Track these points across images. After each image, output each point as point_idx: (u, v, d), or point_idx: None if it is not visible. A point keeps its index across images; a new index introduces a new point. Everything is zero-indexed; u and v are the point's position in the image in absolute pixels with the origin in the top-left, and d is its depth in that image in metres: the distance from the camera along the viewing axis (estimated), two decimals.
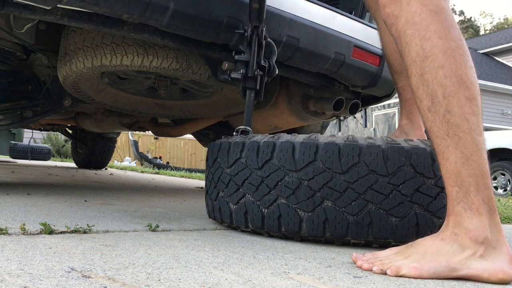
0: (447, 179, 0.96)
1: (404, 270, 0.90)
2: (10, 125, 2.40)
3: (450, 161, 0.95)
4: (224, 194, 1.36)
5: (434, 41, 0.97)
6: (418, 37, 0.99)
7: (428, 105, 0.98)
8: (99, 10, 1.44)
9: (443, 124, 0.95)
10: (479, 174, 0.93)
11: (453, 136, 0.94)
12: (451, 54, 0.96)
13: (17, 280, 0.70)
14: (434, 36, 0.97)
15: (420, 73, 0.99)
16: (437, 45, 0.97)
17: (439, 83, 0.96)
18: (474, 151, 0.93)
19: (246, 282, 0.79)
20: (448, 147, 0.95)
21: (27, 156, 7.20)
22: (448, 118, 0.95)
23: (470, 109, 0.95)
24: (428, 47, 0.97)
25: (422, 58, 0.98)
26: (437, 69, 0.96)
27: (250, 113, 1.55)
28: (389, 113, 10.61)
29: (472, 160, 0.93)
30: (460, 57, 0.97)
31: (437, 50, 0.97)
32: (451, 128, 0.95)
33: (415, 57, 0.99)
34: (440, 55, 0.96)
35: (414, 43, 0.99)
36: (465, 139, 0.94)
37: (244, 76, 1.55)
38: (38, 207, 1.62)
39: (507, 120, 16.12)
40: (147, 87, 2.43)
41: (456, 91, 0.95)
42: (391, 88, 2.30)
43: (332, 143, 1.19)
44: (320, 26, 1.88)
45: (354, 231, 1.17)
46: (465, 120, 0.94)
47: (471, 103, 0.95)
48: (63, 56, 1.93)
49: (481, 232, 0.91)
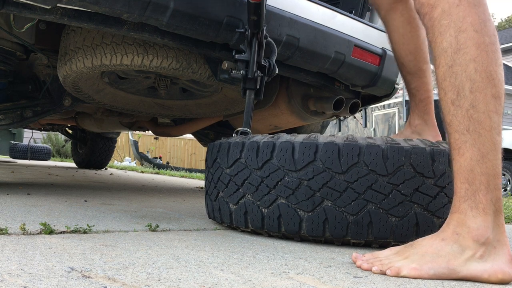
0: (459, 175, 0.95)
1: (404, 271, 0.90)
2: (10, 124, 2.40)
3: (465, 157, 0.94)
4: (224, 194, 1.36)
5: (469, 34, 0.95)
6: (454, 28, 0.97)
7: (452, 97, 0.96)
8: (99, 10, 1.44)
9: (464, 118, 0.94)
10: (492, 174, 0.92)
11: (473, 132, 0.93)
12: (484, 49, 0.95)
13: (17, 280, 0.70)
14: (470, 28, 0.96)
15: (450, 64, 0.97)
16: (471, 38, 0.95)
17: (468, 76, 0.94)
18: (491, 150, 0.92)
19: (246, 282, 0.79)
20: (465, 143, 0.94)
21: (27, 156, 7.20)
22: (471, 113, 0.93)
23: (494, 107, 0.94)
24: (463, 39, 0.96)
25: (454, 50, 0.96)
26: (468, 62, 0.95)
27: (250, 115, 1.55)
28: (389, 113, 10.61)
29: (487, 159, 0.92)
30: (492, 54, 0.95)
31: (471, 43, 0.95)
32: (472, 124, 0.93)
33: (446, 48, 0.97)
34: (473, 49, 0.95)
35: (449, 34, 0.97)
36: (484, 136, 0.92)
37: (244, 77, 1.55)
38: (38, 207, 1.62)
39: (507, 120, 16.11)
40: (147, 87, 2.43)
41: (484, 87, 0.94)
42: (391, 87, 2.30)
43: (331, 143, 1.19)
44: (320, 26, 1.88)
45: (354, 231, 1.17)
46: (488, 117, 0.93)
47: (496, 101, 0.94)
48: (63, 55, 1.93)
49: (483, 232, 0.91)
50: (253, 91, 1.57)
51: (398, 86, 2.36)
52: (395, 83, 2.29)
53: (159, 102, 2.61)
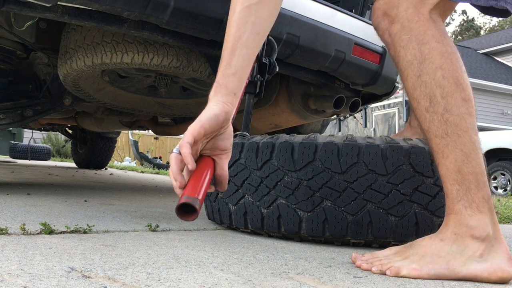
0: (447, 178, 0.97)
1: (403, 271, 0.91)
2: (11, 124, 2.40)
3: (450, 159, 0.96)
4: (223, 195, 1.36)
5: (432, 44, 1.00)
6: (415, 41, 1.01)
7: (426, 105, 0.99)
8: (99, 8, 1.44)
9: (441, 123, 0.97)
10: (479, 172, 0.94)
11: (452, 134, 0.96)
12: (448, 57, 0.99)
13: (17, 280, 0.70)
14: (432, 40, 1.00)
15: (418, 74, 1.00)
16: (435, 48, 1.00)
17: (438, 83, 0.98)
18: (473, 149, 0.95)
19: (246, 282, 0.79)
20: (447, 146, 0.96)
21: (27, 156, 7.20)
22: (446, 117, 0.97)
23: (466, 110, 0.97)
24: (426, 50, 1.00)
25: (419, 61, 1.00)
26: (435, 70, 0.99)
27: (249, 118, 1.55)
28: (389, 113, 10.61)
29: (471, 158, 0.94)
30: (456, 61, 1.00)
31: (435, 53, 0.99)
32: (450, 126, 0.96)
33: (412, 60, 1.01)
34: (438, 57, 0.99)
35: (411, 47, 1.01)
36: (463, 137, 0.95)
37: None
38: (38, 207, 1.62)
39: (507, 120, 16.11)
40: (148, 86, 2.43)
41: (454, 92, 0.97)
42: (391, 86, 2.30)
43: (331, 143, 1.18)
44: (321, 24, 1.87)
45: (354, 230, 1.17)
46: (463, 119, 0.96)
47: (467, 104, 0.97)
48: (63, 54, 1.93)
49: (483, 229, 0.91)
50: (252, 95, 1.57)
51: (398, 84, 2.36)
52: (395, 81, 2.29)
53: (159, 101, 2.60)
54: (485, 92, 15.51)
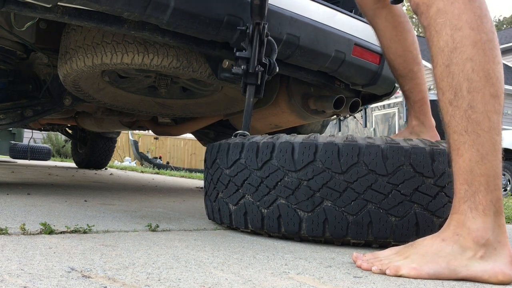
0: (458, 176, 0.94)
1: (403, 271, 0.90)
2: (11, 124, 2.40)
3: (464, 158, 0.93)
4: (223, 195, 1.36)
5: (465, 32, 0.94)
6: (449, 26, 0.96)
7: (450, 98, 0.95)
8: (99, 8, 1.44)
9: (463, 119, 0.93)
10: (492, 175, 0.91)
11: (472, 133, 0.92)
12: (481, 47, 0.94)
13: (17, 280, 0.70)
14: (465, 26, 0.94)
15: (447, 63, 0.96)
16: (468, 36, 0.94)
17: (466, 76, 0.93)
18: (491, 150, 0.92)
19: (246, 282, 0.79)
20: (464, 144, 0.93)
21: (27, 156, 7.20)
22: (469, 114, 0.92)
23: (493, 107, 0.92)
24: (459, 38, 0.94)
25: (450, 49, 0.95)
26: (465, 61, 0.93)
27: (249, 117, 1.54)
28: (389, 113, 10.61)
29: (487, 160, 0.91)
30: (490, 51, 0.94)
31: (467, 42, 0.94)
32: (471, 124, 0.92)
33: (443, 47, 0.96)
34: (470, 47, 0.94)
35: (445, 32, 0.96)
36: (483, 137, 0.91)
37: (245, 72, 1.54)
38: (38, 207, 1.62)
39: (507, 120, 16.10)
40: (148, 86, 2.44)
41: (482, 87, 0.92)
42: (391, 86, 2.30)
43: (331, 143, 1.18)
44: (321, 24, 1.88)
45: (354, 231, 1.17)
46: (487, 118, 0.92)
47: (494, 100, 0.93)
48: (63, 54, 1.93)
49: (483, 233, 0.90)
50: (253, 86, 1.56)
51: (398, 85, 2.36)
52: (395, 82, 2.29)
53: (159, 101, 2.61)
54: None
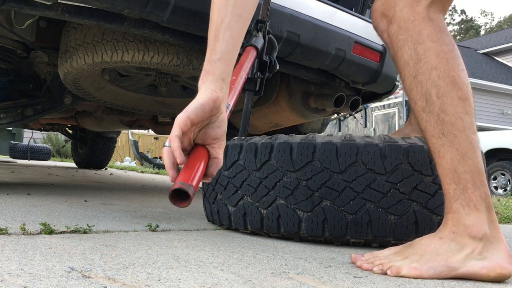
0: (444, 177, 0.97)
1: (404, 271, 0.91)
2: (11, 123, 2.40)
3: (446, 159, 0.96)
4: (222, 196, 1.36)
5: (427, 44, 1.00)
6: (411, 41, 1.02)
7: (422, 105, 1.00)
8: (100, 6, 1.44)
9: (437, 123, 0.97)
10: (475, 171, 0.94)
11: (448, 134, 0.96)
12: (444, 57, 0.99)
13: (17, 280, 0.70)
14: (427, 39, 1.00)
15: (414, 75, 1.01)
16: (430, 48, 1.00)
17: (433, 83, 0.98)
18: (469, 148, 0.95)
19: (246, 282, 0.79)
20: (443, 146, 0.97)
21: (27, 156, 7.20)
22: (442, 117, 0.97)
23: (463, 109, 0.97)
24: (422, 50, 1.00)
25: (415, 61, 1.01)
26: (430, 70, 0.99)
27: (247, 123, 1.54)
28: (389, 113, 10.61)
29: (467, 157, 0.95)
30: (452, 60, 0.99)
31: (430, 53, 1.00)
32: (446, 126, 0.96)
33: (408, 60, 1.02)
34: (433, 57, 0.99)
35: (407, 47, 1.02)
36: (459, 137, 0.95)
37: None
38: (38, 207, 1.62)
39: (507, 120, 16.11)
40: (148, 85, 2.43)
41: (449, 91, 0.97)
42: (391, 84, 2.30)
43: (329, 142, 1.18)
44: (321, 22, 1.88)
45: (353, 230, 1.17)
46: (459, 119, 0.96)
47: (464, 103, 0.97)
48: (63, 53, 1.93)
49: (479, 228, 0.91)
50: (252, 92, 1.56)
51: (399, 83, 2.36)
52: (395, 80, 2.29)
53: (159, 100, 2.60)
54: (485, 92, 15.50)
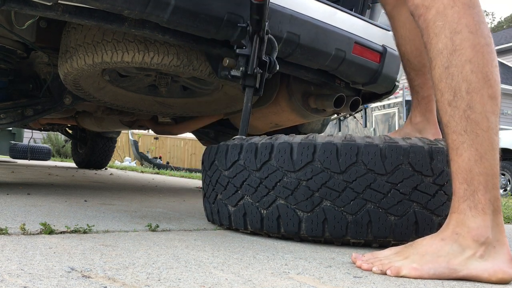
0: (457, 176, 0.95)
1: (404, 271, 0.90)
2: (11, 123, 2.40)
3: (463, 158, 0.94)
4: (222, 196, 1.36)
5: (464, 35, 0.96)
6: (449, 29, 0.97)
7: (449, 99, 0.96)
8: (100, 6, 1.44)
9: (462, 119, 0.94)
10: (490, 174, 0.93)
11: (471, 133, 0.93)
12: (480, 50, 0.95)
13: (17, 280, 0.70)
14: (465, 29, 0.96)
15: (446, 65, 0.97)
16: (467, 39, 0.96)
17: (465, 77, 0.95)
18: (489, 150, 0.93)
19: (246, 282, 0.79)
20: (463, 144, 0.94)
21: (27, 156, 7.20)
22: (468, 114, 0.94)
23: (491, 108, 0.94)
24: (458, 40, 0.96)
25: (450, 51, 0.97)
26: (464, 63, 0.95)
27: (247, 123, 1.54)
28: (389, 113, 10.61)
29: (485, 159, 0.93)
30: (488, 55, 0.96)
31: (466, 44, 0.96)
32: (470, 124, 0.94)
33: (442, 49, 0.98)
34: (469, 50, 0.95)
35: (444, 35, 0.98)
36: (482, 137, 0.93)
37: (244, 74, 1.54)
38: (38, 207, 1.62)
39: (507, 120, 16.10)
40: (148, 85, 2.43)
41: (480, 88, 0.94)
42: (391, 85, 2.30)
43: (329, 143, 1.18)
44: (321, 23, 1.88)
45: (354, 230, 1.17)
46: (485, 118, 0.93)
47: (492, 102, 0.94)
48: (63, 53, 1.93)
49: (483, 232, 0.90)
50: (252, 88, 1.56)
51: (399, 83, 2.36)
52: (395, 80, 2.29)
53: (159, 100, 2.60)
54: None
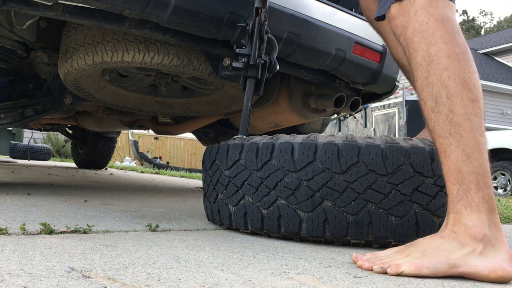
0: (448, 177, 0.98)
1: (404, 267, 0.91)
2: (12, 123, 2.40)
3: (451, 159, 0.97)
4: (223, 196, 1.35)
5: (439, 46, 1.02)
6: (425, 42, 1.04)
7: (432, 106, 1.01)
8: (100, 6, 1.44)
9: (445, 123, 0.99)
10: (480, 172, 0.95)
11: (455, 134, 0.97)
12: (456, 58, 1.01)
13: (17, 280, 0.70)
14: (439, 41, 1.02)
15: (425, 75, 1.03)
16: (442, 49, 1.02)
17: (443, 84, 1.00)
18: (475, 149, 0.96)
19: (246, 282, 0.79)
20: (450, 146, 0.98)
21: (27, 156, 7.20)
22: (451, 117, 0.98)
23: (472, 110, 0.98)
24: (434, 51, 1.02)
25: (427, 62, 1.03)
26: (441, 71, 1.00)
27: (247, 122, 1.53)
28: (389, 113, 10.61)
29: (473, 158, 0.95)
30: (464, 61, 1.01)
31: (442, 54, 1.01)
32: (453, 127, 0.97)
33: (421, 61, 1.04)
34: (445, 59, 1.01)
35: (421, 48, 1.04)
36: (466, 137, 0.96)
37: (246, 65, 1.53)
38: (38, 207, 1.62)
39: (507, 120, 16.12)
40: (148, 85, 2.44)
41: (459, 92, 0.98)
42: (391, 85, 2.30)
43: (331, 143, 1.18)
44: (321, 23, 1.88)
45: (354, 230, 1.17)
46: (467, 119, 0.97)
47: (473, 104, 0.98)
48: (64, 53, 1.93)
49: (480, 229, 0.92)
50: (254, 80, 1.54)
51: (399, 83, 2.36)
52: (395, 80, 2.29)
53: (159, 100, 2.61)
54: (485, 92, 15.42)
